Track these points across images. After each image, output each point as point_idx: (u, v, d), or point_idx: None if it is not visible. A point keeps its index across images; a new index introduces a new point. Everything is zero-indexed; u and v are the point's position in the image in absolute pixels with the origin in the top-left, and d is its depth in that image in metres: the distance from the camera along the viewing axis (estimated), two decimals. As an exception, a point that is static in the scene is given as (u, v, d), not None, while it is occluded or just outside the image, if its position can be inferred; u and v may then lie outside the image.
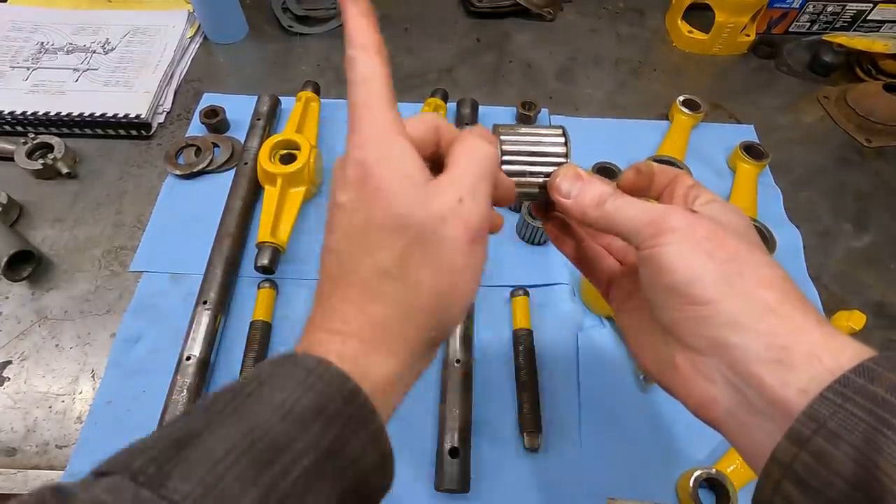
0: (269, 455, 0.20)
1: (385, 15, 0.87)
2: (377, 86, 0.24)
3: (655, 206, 0.27)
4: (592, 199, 0.28)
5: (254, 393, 0.22)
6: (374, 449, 0.22)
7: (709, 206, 0.28)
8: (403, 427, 0.49)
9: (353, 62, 0.24)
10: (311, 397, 0.21)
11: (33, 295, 0.56)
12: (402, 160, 0.23)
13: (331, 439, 0.21)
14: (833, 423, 0.20)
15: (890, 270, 0.61)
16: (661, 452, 0.49)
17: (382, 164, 0.23)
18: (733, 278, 0.24)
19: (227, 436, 0.20)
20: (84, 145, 0.68)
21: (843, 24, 0.85)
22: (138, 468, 0.19)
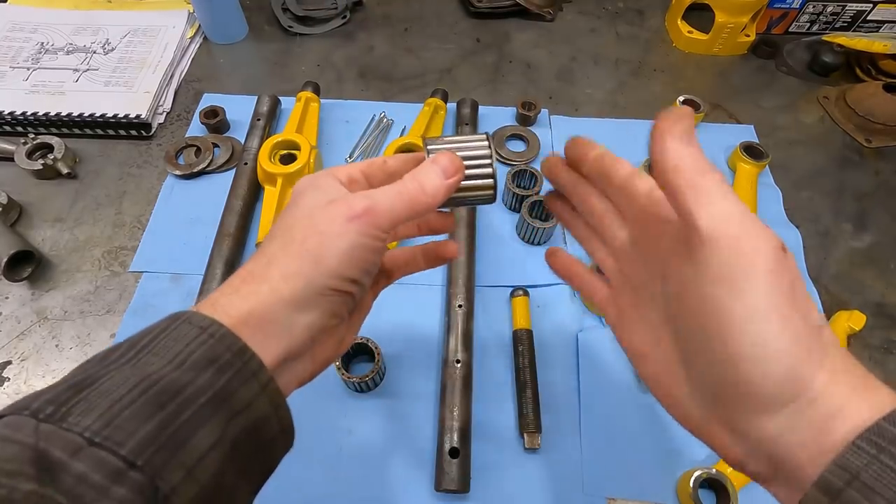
0: (165, 397, 0.21)
1: (385, 15, 0.87)
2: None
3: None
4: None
5: (148, 346, 0.23)
6: (266, 399, 0.24)
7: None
8: (403, 427, 0.49)
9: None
10: (203, 351, 0.23)
11: (33, 295, 0.56)
12: (324, 181, 0.29)
13: (222, 384, 0.22)
14: (867, 476, 0.19)
15: (890, 270, 0.61)
16: (661, 452, 0.49)
17: (308, 185, 0.29)
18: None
19: (123, 380, 0.21)
20: (84, 145, 0.68)
21: (842, 24, 0.85)
22: (38, 408, 0.20)
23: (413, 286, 0.57)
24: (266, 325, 0.25)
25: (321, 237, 0.26)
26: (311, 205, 0.27)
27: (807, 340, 0.21)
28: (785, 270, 0.22)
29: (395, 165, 0.31)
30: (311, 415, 0.49)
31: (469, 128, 0.67)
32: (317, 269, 0.25)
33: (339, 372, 0.47)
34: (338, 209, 0.26)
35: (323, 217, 0.26)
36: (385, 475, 0.47)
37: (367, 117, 0.72)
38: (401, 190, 0.27)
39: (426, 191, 0.28)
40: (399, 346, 0.53)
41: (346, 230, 0.26)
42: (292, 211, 0.28)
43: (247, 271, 0.26)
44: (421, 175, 0.28)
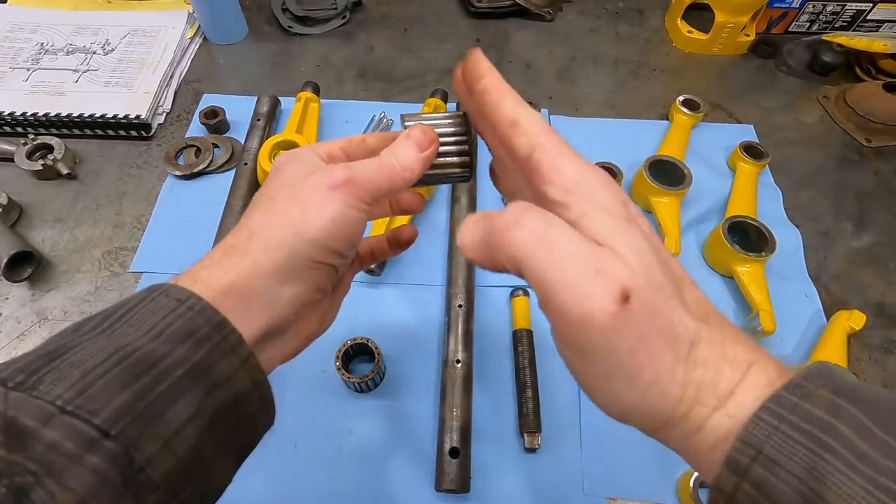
0: (140, 368, 0.21)
1: (385, 15, 0.87)
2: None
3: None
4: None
5: (123, 317, 0.23)
6: (246, 374, 0.23)
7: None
8: (403, 427, 0.49)
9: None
10: (181, 323, 0.22)
11: (33, 296, 0.56)
12: (304, 155, 0.29)
13: (200, 357, 0.22)
14: (770, 449, 0.19)
15: (890, 270, 0.61)
16: (661, 452, 0.48)
17: (289, 158, 0.28)
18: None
19: (97, 350, 0.21)
20: (84, 146, 0.68)
21: (842, 23, 0.85)
22: (6, 376, 0.20)
23: (413, 286, 0.57)
24: (248, 297, 0.24)
25: (303, 206, 0.25)
26: (292, 175, 0.27)
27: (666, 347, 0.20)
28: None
29: (374, 143, 0.31)
30: (312, 415, 0.49)
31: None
32: (300, 240, 0.25)
33: (339, 372, 0.47)
34: (319, 178, 0.26)
35: (304, 187, 0.26)
36: (385, 475, 0.47)
37: (366, 117, 0.72)
38: (380, 164, 0.27)
39: (403, 164, 0.28)
40: (399, 346, 0.53)
41: (328, 198, 0.25)
42: (273, 182, 0.28)
43: (228, 244, 0.26)
44: (396, 149, 0.28)
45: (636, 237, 0.21)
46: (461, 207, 0.60)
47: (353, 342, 0.49)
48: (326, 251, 0.26)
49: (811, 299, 0.58)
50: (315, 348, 0.52)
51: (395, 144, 0.28)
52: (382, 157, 0.28)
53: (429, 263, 0.59)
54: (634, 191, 0.65)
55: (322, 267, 0.26)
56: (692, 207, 0.64)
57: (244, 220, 0.27)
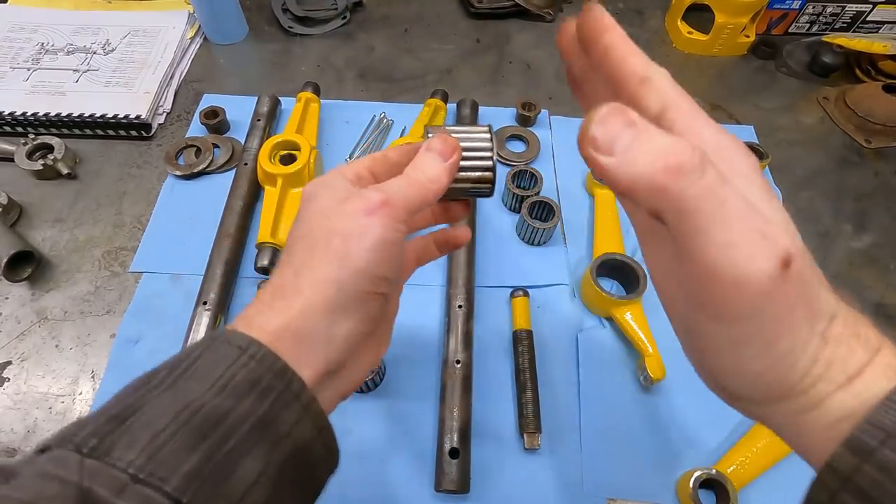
0: (207, 426, 0.21)
1: (385, 15, 0.87)
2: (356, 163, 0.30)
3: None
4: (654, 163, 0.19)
5: (188, 370, 0.23)
6: (309, 421, 0.23)
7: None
8: (403, 427, 0.49)
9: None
10: (244, 374, 0.22)
11: (33, 295, 0.56)
12: (333, 181, 0.28)
13: (265, 410, 0.22)
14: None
15: (890, 271, 0.62)
16: (661, 452, 0.49)
17: (318, 186, 0.28)
18: None
19: (164, 409, 0.21)
20: (84, 146, 0.68)
21: (842, 24, 0.85)
22: (81, 441, 0.20)
23: (413, 286, 0.57)
24: (303, 339, 0.24)
25: (344, 237, 0.25)
26: (326, 206, 0.26)
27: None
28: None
29: (396, 157, 0.31)
30: (311, 415, 0.49)
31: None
32: (346, 272, 0.25)
33: (339, 372, 0.47)
34: (354, 205, 0.26)
35: (341, 216, 0.26)
36: (385, 475, 0.47)
37: (367, 118, 0.72)
38: (409, 180, 0.27)
39: (429, 177, 0.28)
40: (399, 346, 0.53)
41: (367, 225, 0.25)
42: (306, 215, 0.27)
43: (275, 285, 0.26)
44: (420, 163, 0.28)
45: (780, 208, 0.21)
46: (461, 208, 0.60)
47: (353, 342, 0.49)
48: (374, 279, 0.25)
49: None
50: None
51: (419, 158, 0.28)
52: (409, 173, 0.28)
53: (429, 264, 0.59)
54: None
55: (372, 297, 0.26)
56: (692, 208, 0.64)
57: (286, 258, 0.27)
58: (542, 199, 0.59)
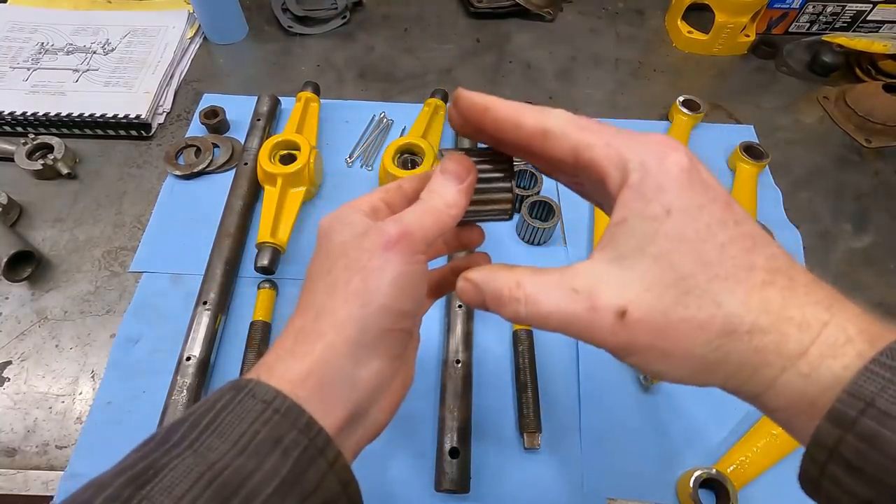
0: (230, 489, 0.20)
1: (385, 15, 0.87)
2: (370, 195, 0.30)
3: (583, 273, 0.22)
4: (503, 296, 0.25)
5: (211, 425, 0.22)
6: (334, 476, 0.23)
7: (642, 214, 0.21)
8: (403, 427, 0.49)
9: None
10: (268, 431, 0.22)
11: (33, 295, 0.56)
12: (349, 216, 0.27)
13: (289, 469, 0.21)
14: (883, 402, 0.18)
15: (890, 271, 0.61)
16: (661, 452, 0.49)
17: (334, 221, 0.27)
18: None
19: (186, 472, 0.20)
20: (84, 146, 0.68)
21: (842, 24, 0.85)
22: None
23: (413, 286, 0.57)
24: (327, 385, 0.24)
25: (364, 274, 0.24)
26: (343, 242, 0.26)
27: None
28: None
29: (410, 186, 0.30)
30: (311, 415, 0.49)
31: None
32: (369, 311, 0.24)
33: (339, 372, 0.47)
34: (372, 240, 0.25)
35: (359, 252, 0.25)
36: (385, 475, 0.47)
37: (367, 117, 0.72)
38: (424, 208, 0.26)
39: (447, 201, 0.26)
40: (399, 346, 0.53)
41: (387, 260, 0.24)
42: (324, 253, 0.27)
43: (297, 328, 0.25)
44: (436, 187, 0.27)
45: (659, 242, 0.21)
46: (461, 207, 0.60)
47: (353, 342, 0.49)
48: (397, 315, 0.25)
49: (811, 300, 0.58)
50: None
51: (434, 183, 0.27)
52: (425, 200, 0.27)
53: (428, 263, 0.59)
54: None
55: (396, 333, 0.26)
56: (692, 208, 0.64)
57: (306, 298, 0.26)
58: (542, 199, 0.59)
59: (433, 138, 0.66)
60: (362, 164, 0.68)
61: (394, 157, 0.61)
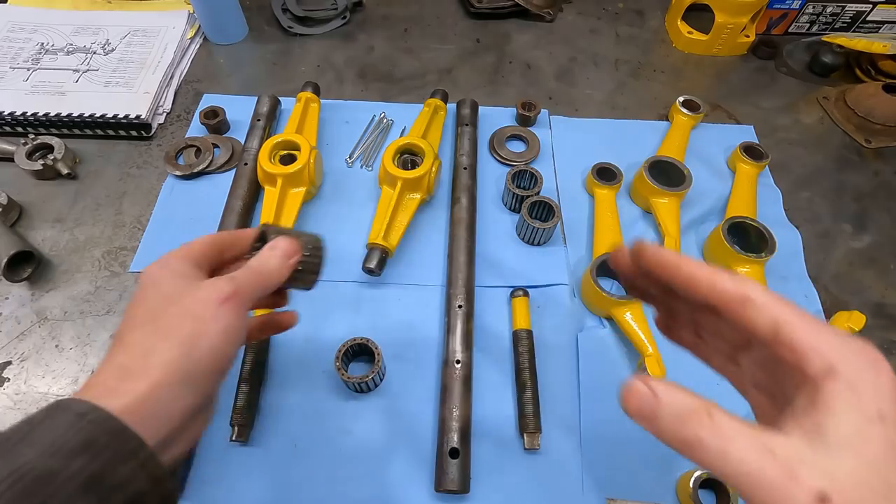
0: (34, 486, 0.21)
1: (385, 15, 0.87)
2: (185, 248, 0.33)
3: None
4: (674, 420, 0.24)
5: (24, 438, 0.23)
6: (144, 474, 0.24)
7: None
8: (403, 427, 0.49)
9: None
10: (80, 437, 0.23)
11: (33, 296, 0.56)
12: (177, 267, 0.31)
13: (95, 468, 0.23)
14: None
15: (889, 271, 0.62)
16: (661, 452, 0.49)
17: (161, 269, 0.30)
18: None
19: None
20: (84, 146, 0.68)
21: (842, 24, 0.85)
22: None
23: (413, 286, 0.57)
24: (145, 419, 0.25)
25: (197, 322, 0.28)
26: (176, 290, 0.29)
27: None
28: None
29: (221, 241, 0.35)
30: (311, 415, 0.49)
31: (469, 128, 0.67)
32: (198, 356, 0.27)
33: (338, 372, 0.47)
34: (207, 293, 0.29)
35: (194, 302, 0.28)
36: (385, 475, 0.47)
37: (366, 118, 0.72)
38: (255, 273, 0.31)
39: (273, 272, 0.32)
40: (399, 346, 0.53)
41: (219, 312, 0.28)
42: (152, 297, 0.29)
43: (122, 366, 0.26)
44: (266, 258, 0.33)
45: (873, 445, 0.20)
46: (461, 207, 0.60)
47: (353, 342, 0.49)
48: (222, 359, 0.28)
49: (811, 300, 0.58)
50: (315, 348, 0.53)
51: (265, 254, 0.33)
52: (255, 267, 0.32)
53: (429, 263, 0.59)
54: (634, 191, 0.65)
55: (217, 375, 0.29)
56: (692, 208, 0.64)
57: (131, 337, 0.28)
58: (542, 199, 0.59)
59: (433, 138, 0.66)
60: (362, 165, 0.68)
61: (394, 157, 0.61)
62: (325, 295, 0.56)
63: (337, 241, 0.60)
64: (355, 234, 0.60)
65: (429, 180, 0.59)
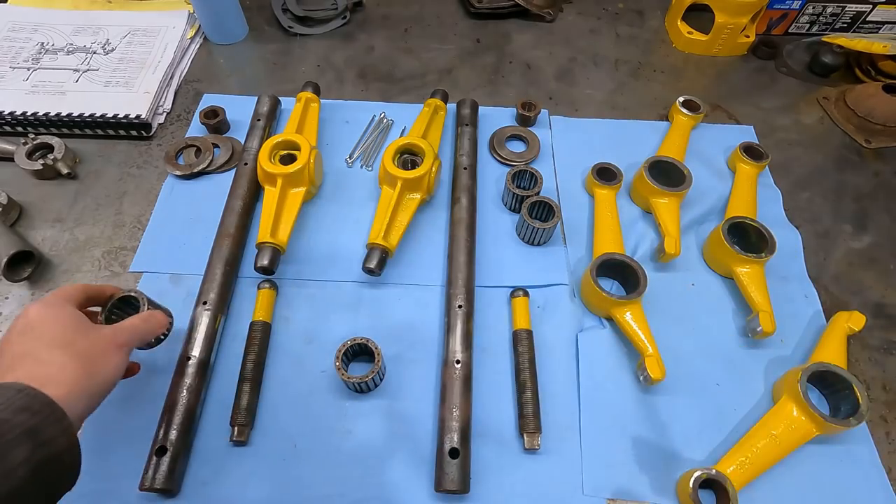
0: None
1: (385, 16, 0.87)
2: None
3: None
4: None
5: None
6: (65, 437, 0.33)
7: None
8: (403, 427, 0.49)
9: None
10: (22, 401, 0.32)
11: (33, 295, 0.55)
12: (63, 309, 0.40)
13: (33, 423, 0.31)
14: None
15: (889, 271, 0.62)
16: (661, 452, 0.49)
17: (48, 308, 0.39)
18: None
19: None
20: (84, 146, 0.68)
21: (842, 25, 0.85)
22: None
23: (413, 286, 0.57)
24: (59, 371, 0.35)
25: (100, 355, 0.38)
26: (80, 326, 0.38)
27: None
28: None
29: (93, 292, 0.44)
30: (311, 415, 0.49)
31: (469, 128, 0.67)
32: (96, 380, 0.37)
33: (339, 372, 0.47)
34: (111, 337, 0.39)
35: (99, 339, 0.38)
36: (385, 475, 0.47)
37: (367, 118, 0.72)
38: (142, 331, 0.42)
39: (150, 333, 0.43)
40: (399, 346, 0.53)
41: (116, 353, 0.39)
42: (60, 327, 0.38)
43: (42, 375, 0.34)
44: (151, 318, 0.44)
45: None
46: (461, 207, 0.60)
47: (353, 342, 0.49)
48: (111, 386, 0.38)
49: (811, 300, 0.58)
50: (315, 348, 0.53)
51: (153, 315, 0.44)
52: (139, 325, 0.42)
53: (429, 264, 0.59)
54: (634, 191, 0.65)
55: (105, 396, 0.38)
56: (692, 208, 0.64)
57: (49, 356, 0.36)
58: (542, 199, 0.59)
59: (433, 138, 0.66)
60: (362, 165, 0.68)
61: (394, 157, 0.61)
62: (325, 295, 0.56)
63: (337, 241, 0.60)
64: (355, 234, 0.60)
65: (429, 180, 0.59)
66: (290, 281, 0.57)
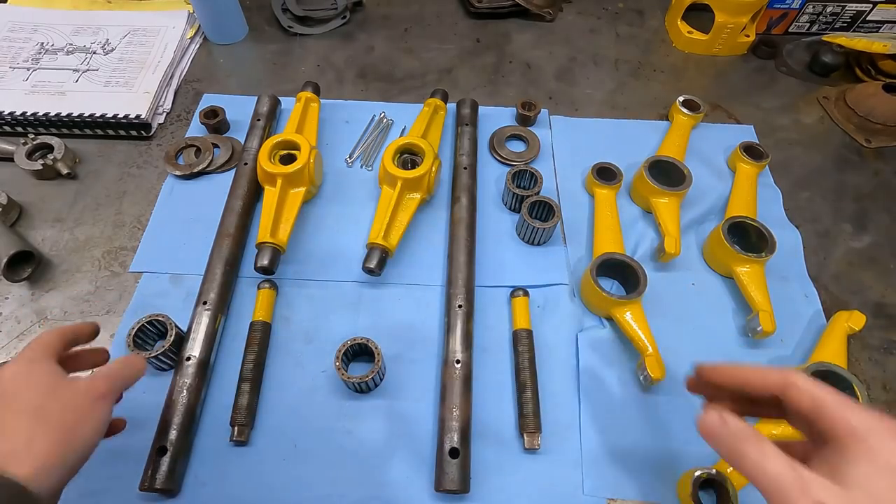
0: None
1: (385, 15, 0.87)
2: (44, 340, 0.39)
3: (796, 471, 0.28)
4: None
5: None
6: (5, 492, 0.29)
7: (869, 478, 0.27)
8: (403, 427, 0.49)
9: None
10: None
11: (33, 295, 0.56)
12: (42, 363, 0.36)
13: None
14: None
15: (889, 270, 0.62)
16: (661, 452, 0.49)
17: (28, 365, 0.36)
18: None
19: None
20: (84, 146, 0.68)
21: (842, 24, 0.85)
22: None
23: (413, 286, 0.57)
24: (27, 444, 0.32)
25: (77, 413, 0.34)
26: (51, 385, 0.35)
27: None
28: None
29: (70, 334, 0.40)
30: (311, 415, 0.49)
31: (469, 128, 0.67)
32: (75, 444, 0.33)
33: (339, 372, 0.47)
34: (87, 389, 0.36)
35: (74, 396, 0.35)
36: (385, 475, 0.47)
37: (366, 117, 0.72)
38: (122, 378, 0.39)
39: (131, 379, 0.40)
40: (399, 346, 0.53)
41: (95, 406, 0.35)
42: (29, 390, 0.34)
43: (4, 453, 0.31)
44: (130, 363, 0.40)
45: (879, 487, 0.26)
46: (461, 207, 0.60)
47: (353, 342, 0.49)
48: (93, 445, 0.35)
49: (811, 300, 0.58)
50: (315, 348, 0.53)
51: (129, 360, 0.40)
52: (117, 371, 0.39)
53: (429, 263, 0.59)
54: (634, 191, 0.65)
55: (87, 458, 0.35)
56: (692, 208, 0.64)
57: (14, 425, 0.32)
58: (542, 199, 0.59)
59: (433, 138, 0.66)
60: (362, 164, 0.68)
61: (394, 157, 0.61)
62: (325, 295, 0.56)
63: (337, 240, 0.60)
64: (355, 234, 0.60)
65: (429, 180, 0.59)
66: (290, 281, 0.57)
